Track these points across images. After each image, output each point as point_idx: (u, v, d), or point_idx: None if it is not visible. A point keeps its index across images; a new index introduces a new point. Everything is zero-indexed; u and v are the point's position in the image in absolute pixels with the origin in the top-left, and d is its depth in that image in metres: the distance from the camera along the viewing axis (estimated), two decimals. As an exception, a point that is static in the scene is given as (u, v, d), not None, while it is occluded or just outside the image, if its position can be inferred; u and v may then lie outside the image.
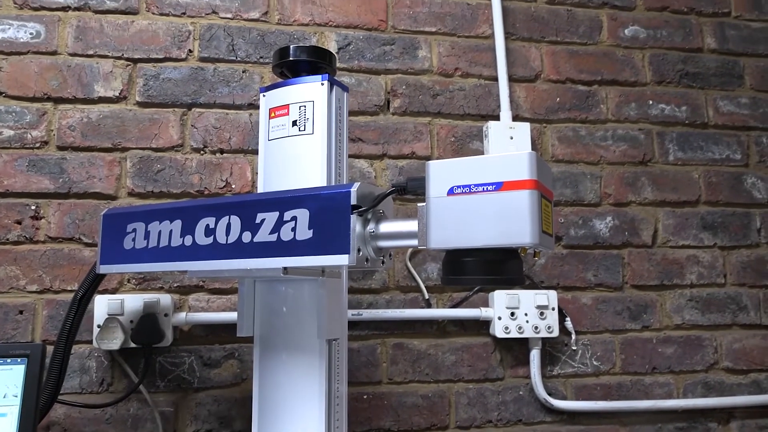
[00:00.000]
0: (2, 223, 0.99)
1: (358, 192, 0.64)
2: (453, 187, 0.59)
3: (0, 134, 1.01)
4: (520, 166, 0.56)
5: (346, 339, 0.82)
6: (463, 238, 0.58)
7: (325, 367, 0.76)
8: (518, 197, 0.56)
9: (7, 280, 0.99)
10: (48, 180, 1.01)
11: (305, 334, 0.77)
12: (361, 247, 0.64)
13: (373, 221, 0.66)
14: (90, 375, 0.98)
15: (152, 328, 0.96)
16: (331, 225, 0.64)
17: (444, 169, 0.60)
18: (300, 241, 0.66)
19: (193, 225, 0.73)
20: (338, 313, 0.79)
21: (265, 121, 0.83)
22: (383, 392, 1.06)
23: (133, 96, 1.05)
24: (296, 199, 0.67)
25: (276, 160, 0.82)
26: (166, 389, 1.00)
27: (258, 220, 0.69)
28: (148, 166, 1.03)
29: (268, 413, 0.79)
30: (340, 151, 0.82)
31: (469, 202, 0.58)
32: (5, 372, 0.71)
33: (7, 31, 1.03)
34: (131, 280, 1.01)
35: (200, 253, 0.72)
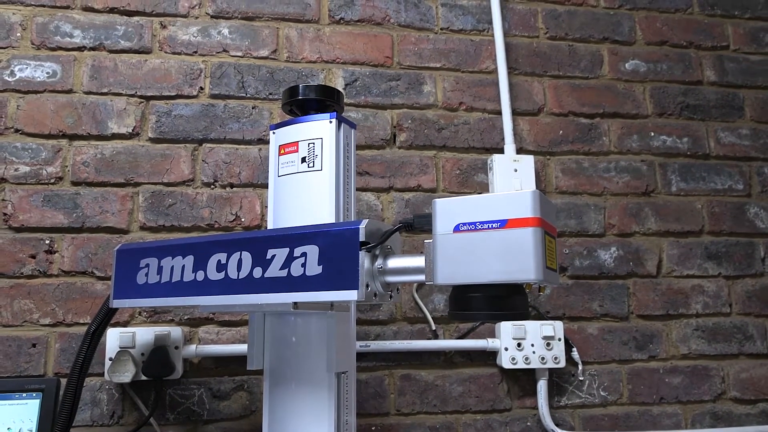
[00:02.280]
0: (17, 257, 1.01)
1: (367, 229, 0.66)
2: (459, 224, 0.61)
3: (16, 170, 1.04)
4: (523, 204, 0.58)
5: (355, 371, 0.83)
6: (469, 274, 0.60)
7: (334, 400, 0.77)
8: (522, 235, 0.58)
9: (20, 314, 1.00)
10: (62, 215, 1.03)
11: (314, 367, 0.78)
12: (370, 283, 0.66)
13: (381, 257, 0.67)
14: (101, 408, 0.99)
15: (163, 361, 0.97)
16: (341, 261, 0.66)
17: (450, 207, 0.62)
18: (310, 277, 0.67)
19: (205, 260, 0.75)
20: (347, 346, 0.80)
21: (274, 157, 0.85)
22: (391, 423, 1.06)
23: (145, 132, 1.08)
24: (306, 236, 0.69)
25: (286, 195, 0.84)
26: (176, 421, 1.00)
27: (269, 256, 0.71)
28: (160, 201, 1.06)
29: (277, 447, 0.80)
30: (347, 187, 0.84)
31: (474, 239, 0.60)
32: (20, 407, 0.72)
33: (25, 70, 1.06)
34: (142, 313, 1.03)
35: (212, 288, 0.74)
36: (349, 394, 0.81)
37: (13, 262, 1.01)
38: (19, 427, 0.71)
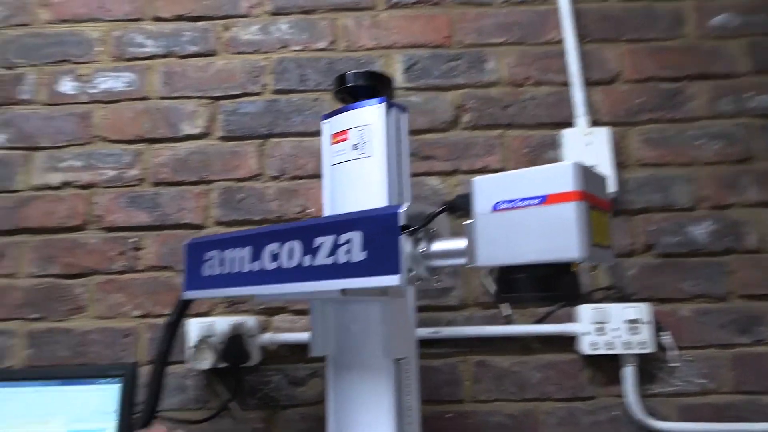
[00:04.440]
0: (108, 255, 1.10)
1: (409, 212, 0.65)
2: (498, 202, 0.58)
3: (104, 175, 1.12)
4: (563, 178, 0.54)
5: (416, 357, 0.82)
6: (510, 254, 0.57)
7: (393, 386, 0.77)
8: (563, 210, 0.54)
9: (114, 307, 1.09)
10: (145, 214, 1.11)
11: (373, 353, 0.78)
12: (413, 267, 0.64)
13: (425, 240, 0.66)
14: (188, 393, 1.05)
15: (239, 349, 1.01)
16: (382, 246, 0.65)
17: (489, 185, 0.59)
18: (355, 263, 0.67)
19: (261, 251, 0.77)
20: (404, 332, 0.79)
21: (327, 147, 0.86)
22: (466, 411, 1.04)
23: (215, 131, 1.12)
24: (350, 222, 0.68)
25: (338, 184, 0.85)
26: (256, 407, 1.04)
27: (316, 244, 0.71)
28: (231, 196, 1.10)
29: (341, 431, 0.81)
30: (401, 171, 0.83)
31: (513, 218, 0.57)
32: (103, 391, 0.78)
33: (106, 82, 1.15)
34: (222, 303, 1.08)
35: (267, 277, 0.75)
36: (410, 380, 0.80)
37: (105, 260, 1.10)
38: (103, 410, 0.77)
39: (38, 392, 0.79)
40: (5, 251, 1.11)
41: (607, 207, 0.58)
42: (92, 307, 1.09)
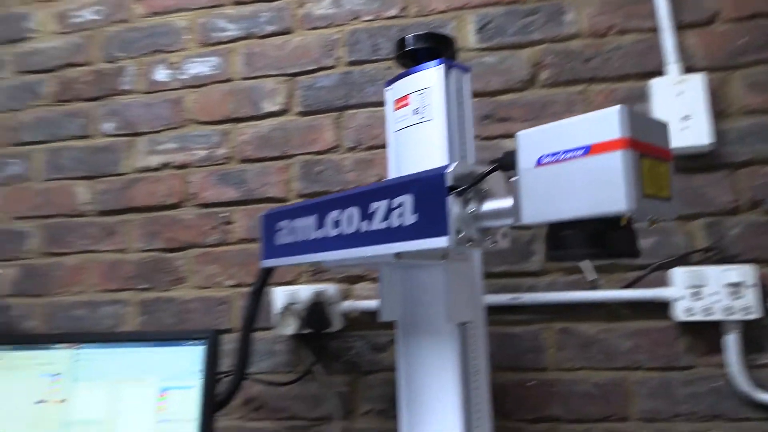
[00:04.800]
0: (203, 230, 1.18)
1: (456, 172, 0.63)
2: (541, 156, 0.55)
3: (196, 155, 1.20)
4: (608, 125, 0.50)
5: (483, 322, 0.81)
6: (555, 210, 0.54)
7: (458, 350, 0.76)
8: (608, 160, 0.50)
9: (210, 278, 1.17)
10: (234, 190, 1.17)
11: (438, 317, 0.78)
12: (463, 228, 0.63)
13: (475, 201, 0.64)
14: (277, 357, 1.11)
15: (321, 316, 1.05)
16: (431, 208, 0.64)
17: (533, 138, 0.57)
18: (406, 227, 0.67)
19: (324, 219, 0.79)
20: (468, 296, 0.78)
21: (391, 113, 0.86)
22: (550, 379, 1.01)
23: (294, 107, 1.16)
24: (401, 186, 0.68)
25: (401, 150, 0.84)
26: (340, 371, 1.08)
27: (372, 210, 0.72)
28: (311, 169, 1.14)
29: (411, 395, 0.82)
30: (463, 133, 0.81)
31: (557, 171, 0.54)
32: (190, 352, 0.85)
33: (195, 67, 1.22)
34: (306, 272, 1.12)
35: (330, 244, 0.78)
36: (476, 345, 0.79)
37: (200, 234, 1.18)
38: (190, 369, 0.84)
39: (136, 352, 0.88)
40: (116, 229, 1.23)
41: (665, 156, 0.54)
42: (191, 278, 1.18)
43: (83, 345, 0.92)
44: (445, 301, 0.76)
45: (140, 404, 0.84)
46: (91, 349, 0.90)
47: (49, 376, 0.90)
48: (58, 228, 1.27)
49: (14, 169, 1.32)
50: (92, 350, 0.90)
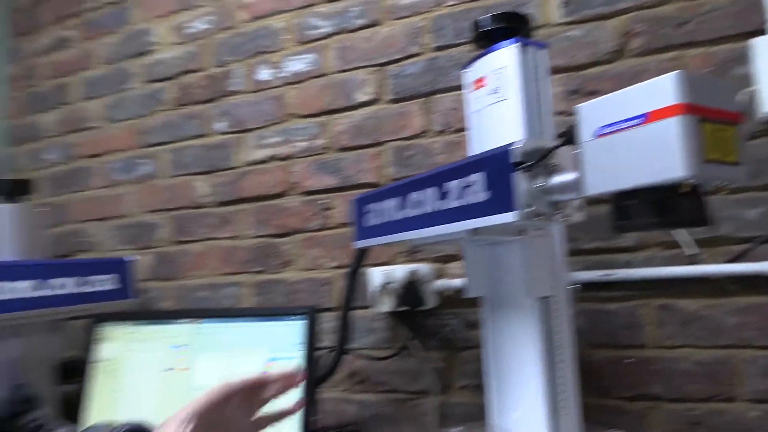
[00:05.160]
0: (306, 216, 1.27)
1: (523, 149, 0.65)
2: (600, 127, 0.56)
3: (297, 147, 1.29)
4: (663, 91, 0.50)
5: (567, 296, 0.81)
6: (616, 180, 0.55)
7: (540, 325, 0.78)
8: (664, 126, 0.50)
9: (314, 260, 1.26)
10: (332, 178, 1.25)
11: (520, 292, 0.80)
12: (532, 203, 0.65)
13: (543, 176, 0.65)
14: (376, 334, 1.18)
15: (415, 294, 1.10)
16: (500, 184, 0.66)
17: (592, 110, 0.57)
18: (479, 203, 0.69)
19: (406, 200, 0.83)
20: (548, 271, 0.79)
21: (469, 95, 0.88)
22: (648, 357, 0.98)
23: (384, 96, 1.21)
24: (473, 165, 0.71)
25: (480, 130, 0.87)
26: (437, 348, 1.13)
27: (447, 189, 0.75)
28: (402, 154, 1.18)
29: (497, 370, 0.85)
30: (540, 110, 0.82)
31: (616, 142, 0.54)
32: (292, 327, 0.93)
33: (294, 65, 1.31)
34: (401, 252, 1.17)
35: (411, 223, 0.82)
36: (560, 318, 0.80)
37: (304, 220, 1.27)
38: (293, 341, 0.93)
39: (248, 327, 0.98)
40: (231, 218, 1.36)
41: (732, 119, 0.52)
42: (298, 261, 1.27)
43: (204, 320, 1.04)
44: (523, 276, 0.78)
45: (251, 372, 0.94)
46: (211, 324, 1.02)
47: (176, 347, 1.03)
48: (183, 219, 1.42)
49: (145, 169, 1.49)
50: (212, 324, 1.01)
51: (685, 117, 0.49)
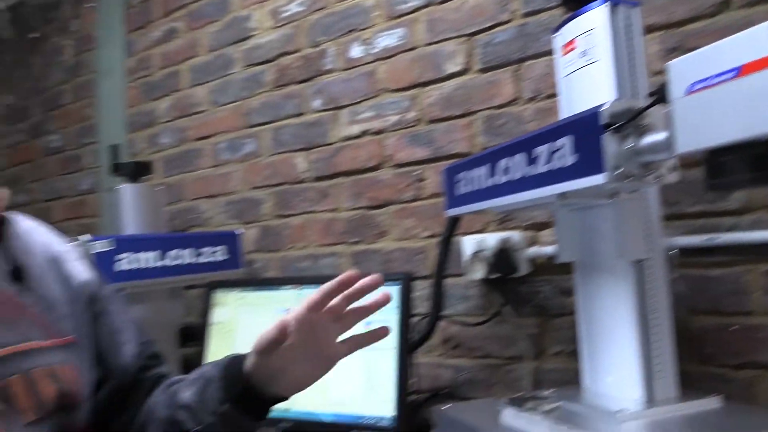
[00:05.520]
0: (399, 188, 1.31)
1: (612, 109, 0.65)
2: (691, 84, 0.55)
3: (389, 121, 1.33)
4: (759, 43, 0.49)
5: (662, 261, 0.80)
6: (709, 137, 0.54)
7: (633, 288, 0.77)
8: (761, 79, 0.48)
9: (408, 230, 1.30)
10: (423, 149, 1.28)
11: (611, 257, 0.80)
12: (622, 165, 0.64)
13: (634, 136, 0.65)
14: (470, 301, 1.21)
15: (506, 261, 1.11)
16: (588, 147, 0.66)
17: (682, 67, 0.56)
18: (567, 167, 0.70)
19: (495, 167, 0.85)
20: (642, 234, 0.78)
21: (559, 60, 0.88)
22: (755, 324, 0.94)
23: (473, 65, 1.22)
24: (562, 128, 0.71)
25: (571, 94, 0.86)
26: (530, 314, 1.14)
27: (536, 154, 0.76)
28: (493, 123, 1.19)
29: (590, 334, 0.85)
30: (633, 71, 0.80)
31: (708, 97, 0.53)
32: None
33: (384, 40, 1.34)
34: (493, 221, 1.19)
35: (500, 190, 0.83)
36: (654, 282, 0.79)
37: (397, 192, 1.31)
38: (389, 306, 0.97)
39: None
40: (328, 192, 1.42)
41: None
42: (392, 231, 1.32)
43: (304, 286, 1.11)
44: (615, 239, 0.77)
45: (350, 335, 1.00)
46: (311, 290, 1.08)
47: (281, 311, 1.11)
48: (285, 194, 1.51)
49: (248, 148, 1.59)
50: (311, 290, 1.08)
51: (783, 67, 0.47)
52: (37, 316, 0.63)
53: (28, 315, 0.63)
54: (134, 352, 0.72)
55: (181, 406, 0.67)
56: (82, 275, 0.70)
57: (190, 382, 0.70)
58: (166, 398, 0.70)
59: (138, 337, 0.74)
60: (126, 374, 0.72)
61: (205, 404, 0.66)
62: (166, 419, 0.68)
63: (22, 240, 0.67)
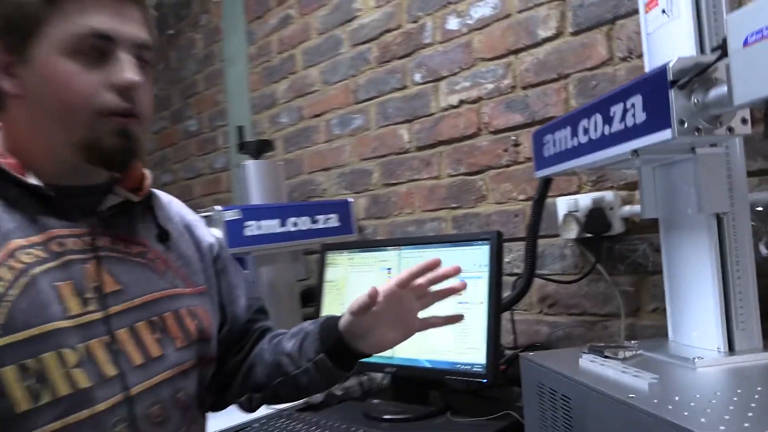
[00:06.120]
0: (496, 153, 1.36)
1: (678, 66, 0.67)
2: (748, 35, 0.56)
3: (485, 89, 1.38)
4: (805, -6, 0.50)
5: (747, 214, 0.80)
6: (762, 88, 0.55)
7: (713, 241, 0.79)
8: (807, 29, 0.50)
9: (505, 194, 1.35)
10: (519, 115, 1.32)
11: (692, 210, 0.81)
12: (688, 120, 0.67)
13: (701, 91, 0.66)
14: (566, 260, 1.24)
15: (600, 220, 1.13)
16: (655, 104, 0.69)
17: (739, 19, 0.58)
18: (639, 125, 0.73)
19: (576, 128, 0.89)
20: (722, 187, 0.78)
21: (642, 17, 0.89)
22: None
23: (566, 29, 1.23)
24: (633, 87, 0.74)
25: (654, 52, 0.87)
26: (626, 272, 1.15)
27: (612, 113, 0.79)
28: (586, 85, 1.20)
29: (673, 289, 0.87)
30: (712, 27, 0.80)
31: (764, 49, 0.54)
32: (479, 250, 1.05)
33: (479, 11, 1.38)
34: (587, 182, 1.21)
35: (581, 150, 0.87)
36: (736, 236, 0.79)
37: (494, 157, 1.37)
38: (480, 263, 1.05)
39: (442, 251, 1.13)
40: (430, 160, 1.51)
41: None
42: (490, 195, 1.38)
43: (404, 247, 1.21)
44: (695, 194, 0.79)
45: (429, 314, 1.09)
46: (410, 250, 1.19)
47: (384, 269, 1.22)
48: (391, 164, 1.61)
49: (357, 122, 1.71)
50: (411, 250, 1.18)
51: (829, 15, 0.48)
52: (178, 270, 0.79)
53: (173, 268, 0.78)
54: (245, 305, 0.88)
55: (284, 353, 0.83)
56: (208, 239, 0.87)
57: (291, 334, 0.85)
58: (271, 347, 0.85)
59: (249, 293, 0.89)
60: (238, 322, 0.87)
61: (304, 353, 0.81)
62: (271, 363, 0.84)
63: (164, 210, 0.83)
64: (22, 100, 0.68)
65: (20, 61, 0.67)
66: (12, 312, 0.60)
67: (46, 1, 0.65)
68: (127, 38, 0.68)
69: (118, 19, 0.68)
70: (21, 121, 0.69)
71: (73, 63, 0.66)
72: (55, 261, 0.65)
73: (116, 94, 0.67)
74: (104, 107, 0.67)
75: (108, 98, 0.67)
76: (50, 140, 0.69)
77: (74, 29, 0.65)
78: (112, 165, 0.72)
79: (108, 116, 0.67)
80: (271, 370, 0.84)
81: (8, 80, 0.67)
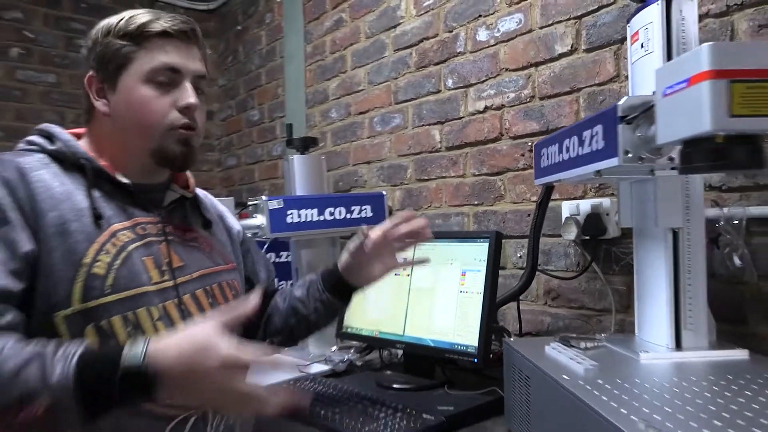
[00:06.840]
0: (514, 157, 1.49)
1: (627, 104, 0.79)
2: (665, 88, 0.68)
3: (508, 97, 1.50)
4: (696, 61, 0.62)
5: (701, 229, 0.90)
6: (671, 132, 0.68)
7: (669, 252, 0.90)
8: (697, 90, 0.62)
9: (520, 194, 1.47)
10: (535, 123, 1.43)
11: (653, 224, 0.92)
12: (632, 150, 0.79)
13: (645, 126, 0.78)
14: (569, 258, 1.36)
15: (596, 224, 1.25)
16: (610, 134, 0.81)
17: (663, 72, 0.70)
18: (599, 150, 0.85)
19: (562, 146, 1.01)
20: (678, 206, 0.89)
21: (629, 48, 1.00)
22: (829, 292, 0.98)
23: (580, 46, 1.33)
24: (597, 118, 0.86)
25: (635, 80, 0.98)
26: (620, 273, 1.26)
27: (583, 138, 0.91)
28: (594, 99, 1.30)
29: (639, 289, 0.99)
30: (684, 60, 0.90)
31: (672, 101, 0.67)
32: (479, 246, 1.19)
33: (505, 25, 1.50)
34: (591, 188, 1.32)
35: (563, 166, 1.00)
36: (690, 248, 0.90)
37: (512, 160, 1.49)
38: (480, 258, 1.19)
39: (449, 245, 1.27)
40: (457, 160, 1.64)
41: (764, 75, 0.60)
42: (508, 195, 1.51)
43: (420, 240, 1.37)
44: (654, 210, 0.90)
45: (450, 280, 1.23)
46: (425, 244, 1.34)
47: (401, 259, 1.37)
48: (424, 161, 1.76)
49: (396, 121, 1.86)
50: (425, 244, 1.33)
51: (713, 81, 0.60)
52: (218, 250, 0.98)
53: (215, 250, 0.98)
54: (264, 277, 1.12)
55: (295, 298, 1.08)
56: (236, 227, 1.10)
57: (299, 285, 1.10)
58: (283, 297, 1.10)
59: (267, 270, 1.12)
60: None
61: (311, 294, 1.06)
62: (285, 309, 1.09)
63: (203, 202, 1.03)
64: (109, 116, 0.88)
65: (110, 88, 0.87)
66: (117, 277, 0.80)
67: (137, 44, 0.85)
68: (191, 71, 0.88)
69: (185, 56, 0.88)
70: (106, 132, 0.89)
71: (151, 89, 0.86)
72: (142, 241, 0.85)
73: (180, 113, 0.87)
74: (172, 123, 0.87)
75: (175, 116, 0.87)
76: (130, 147, 0.89)
77: (153, 63, 0.86)
78: (175, 166, 0.92)
79: (174, 129, 0.87)
80: (287, 315, 1.08)
81: (101, 102, 0.88)
